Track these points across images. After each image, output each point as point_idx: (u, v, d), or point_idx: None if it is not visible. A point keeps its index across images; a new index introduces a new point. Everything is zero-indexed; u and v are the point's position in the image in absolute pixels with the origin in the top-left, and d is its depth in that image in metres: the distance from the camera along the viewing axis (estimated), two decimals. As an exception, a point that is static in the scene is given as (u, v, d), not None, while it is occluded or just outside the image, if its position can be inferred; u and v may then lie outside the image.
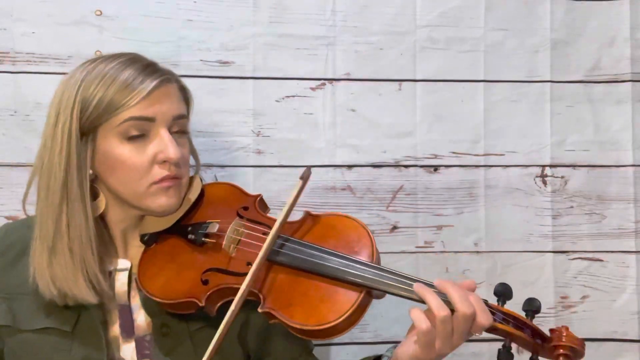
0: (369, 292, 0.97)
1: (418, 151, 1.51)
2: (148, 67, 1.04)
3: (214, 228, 1.06)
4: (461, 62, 1.51)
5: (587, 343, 0.96)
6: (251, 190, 1.18)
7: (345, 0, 1.47)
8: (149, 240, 1.09)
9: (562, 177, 1.54)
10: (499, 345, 0.94)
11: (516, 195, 1.53)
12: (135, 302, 1.09)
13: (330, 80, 1.48)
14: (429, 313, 0.91)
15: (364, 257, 0.99)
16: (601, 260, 1.55)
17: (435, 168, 1.52)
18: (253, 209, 1.11)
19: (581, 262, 1.55)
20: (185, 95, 1.11)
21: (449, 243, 1.52)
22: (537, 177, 1.54)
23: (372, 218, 1.49)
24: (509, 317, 0.93)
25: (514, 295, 0.97)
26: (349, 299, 0.95)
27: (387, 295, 0.97)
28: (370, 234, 1.02)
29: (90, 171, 1.04)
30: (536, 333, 0.94)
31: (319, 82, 1.48)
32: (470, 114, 1.51)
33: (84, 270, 1.01)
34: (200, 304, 1.01)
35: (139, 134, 1.02)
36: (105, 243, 1.08)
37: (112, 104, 0.99)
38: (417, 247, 1.51)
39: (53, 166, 1.01)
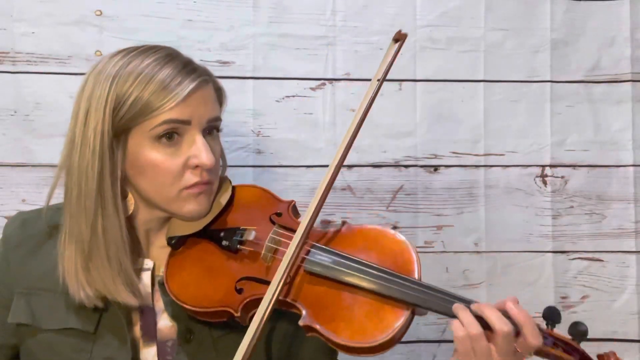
0: (414, 310, 0.93)
1: (418, 151, 1.51)
2: (186, 67, 0.99)
3: (250, 235, 1.01)
4: (461, 62, 1.51)
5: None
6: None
7: (345, 0, 1.47)
8: (176, 244, 1.03)
9: (562, 177, 1.54)
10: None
11: (516, 195, 1.53)
12: (159, 305, 1.04)
13: (330, 80, 1.48)
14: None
15: (408, 274, 0.95)
16: (601, 260, 1.55)
17: (435, 168, 1.52)
18: (286, 215, 1.05)
19: (581, 262, 1.55)
20: (220, 96, 1.06)
21: (449, 243, 1.52)
22: (537, 177, 1.54)
23: (372, 218, 1.49)
24: (559, 341, 0.91)
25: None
26: (396, 316, 0.91)
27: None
28: (414, 249, 0.98)
29: (120, 172, 0.99)
30: (585, 358, 0.92)
31: (319, 82, 1.48)
32: (470, 114, 1.51)
33: (121, 273, 0.98)
34: (236, 314, 0.96)
35: (173, 138, 0.97)
36: (132, 242, 1.02)
37: (148, 106, 0.94)
38: (417, 247, 1.50)
39: (85, 168, 0.96)
